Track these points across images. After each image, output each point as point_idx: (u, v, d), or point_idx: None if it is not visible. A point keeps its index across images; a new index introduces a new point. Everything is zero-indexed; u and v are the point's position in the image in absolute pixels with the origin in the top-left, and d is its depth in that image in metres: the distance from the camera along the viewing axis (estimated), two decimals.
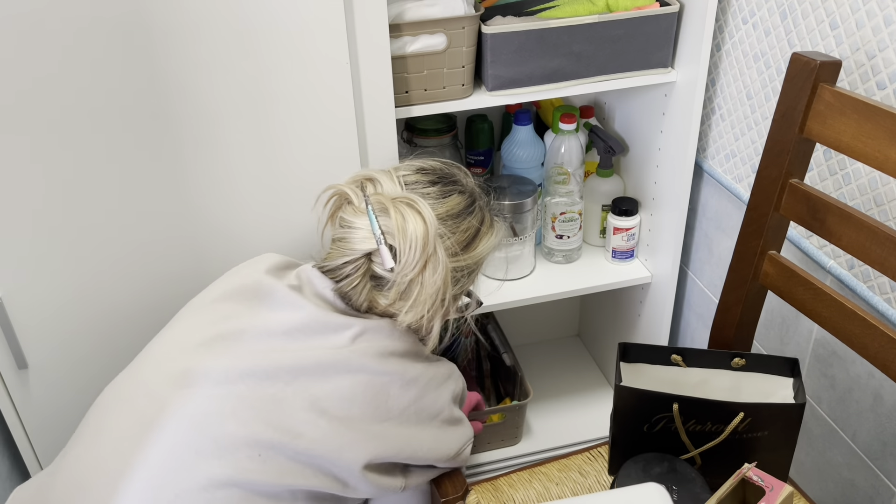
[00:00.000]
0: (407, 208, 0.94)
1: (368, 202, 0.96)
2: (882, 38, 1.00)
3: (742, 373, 1.05)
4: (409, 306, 0.96)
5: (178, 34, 1.05)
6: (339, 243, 0.99)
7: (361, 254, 0.96)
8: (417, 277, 0.95)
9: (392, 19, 1.17)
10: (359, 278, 0.97)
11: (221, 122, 1.12)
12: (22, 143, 1.05)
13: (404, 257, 0.94)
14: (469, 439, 1.05)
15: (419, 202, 0.95)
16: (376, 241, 0.95)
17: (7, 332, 1.16)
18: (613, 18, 1.26)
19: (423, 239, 0.93)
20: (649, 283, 1.55)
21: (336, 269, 0.98)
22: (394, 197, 0.96)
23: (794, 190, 0.98)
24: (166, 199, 1.15)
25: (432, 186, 1.01)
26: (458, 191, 1.02)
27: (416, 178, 1.02)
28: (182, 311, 1.01)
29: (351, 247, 0.97)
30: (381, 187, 0.99)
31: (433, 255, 0.95)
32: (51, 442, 1.27)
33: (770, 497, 0.87)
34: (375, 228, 0.95)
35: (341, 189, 1.01)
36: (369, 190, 0.99)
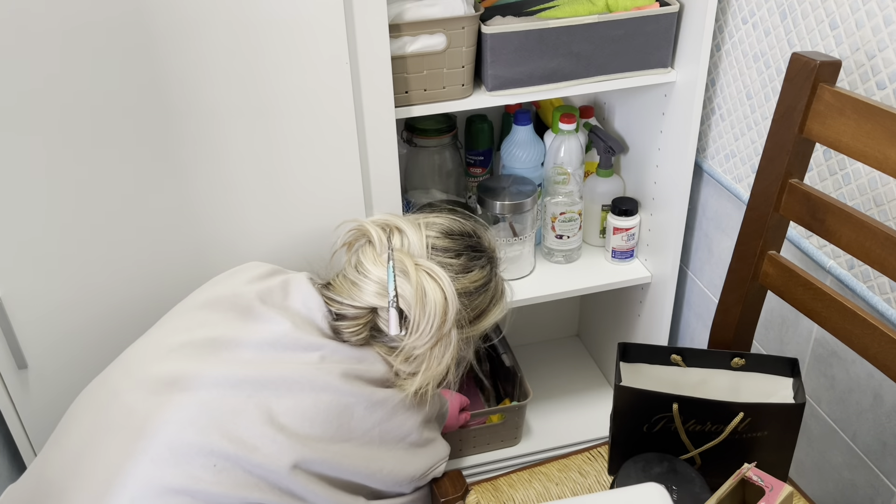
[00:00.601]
0: (429, 279, 0.92)
1: (391, 258, 0.94)
2: (882, 38, 1.00)
3: (742, 373, 1.04)
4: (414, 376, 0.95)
5: (178, 34, 1.05)
6: (349, 285, 0.97)
7: (368, 306, 0.95)
8: (427, 353, 0.94)
9: (392, 19, 1.17)
10: (359, 326, 0.95)
11: (221, 123, 1.12)
12: (22, 143, 1.05)
13: (418, 330, 0.92)
14: (441, 459, 1.03)
15: (443, 278, 0.92)
16: (389, 302, 0.92)
17: (7, 332, 1.16)
18: (613, 18, 1.26)
19: (441, 316, 0.92)
20: (649, 283, 1.55)
21: (339, 303, 0.96)
22: (417, 262, 0.93)
23: (793, 190, 0.98)
24: (166, 198, 1.15)
25: (457, 258, 0.98)
26: (481, 265, 1.00)
27: (444, 245, 0.99)
28: (162, 318, 1.01)
29: (361, 296, 0.95)
30: (407, 243, 0.96)
31: (447, 334, 0.93)
32: None
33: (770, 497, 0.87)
34: (391, 289, 0.92)
35: (366, 228, 0.99)
36: (395, 242, 0.96)
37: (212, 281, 1.03)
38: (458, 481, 1.05)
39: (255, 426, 0.87)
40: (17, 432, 1.25)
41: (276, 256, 1.24)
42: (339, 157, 1.19)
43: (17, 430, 1.25)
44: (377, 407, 0.93)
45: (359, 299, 0.95)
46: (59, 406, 1.25)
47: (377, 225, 0.99)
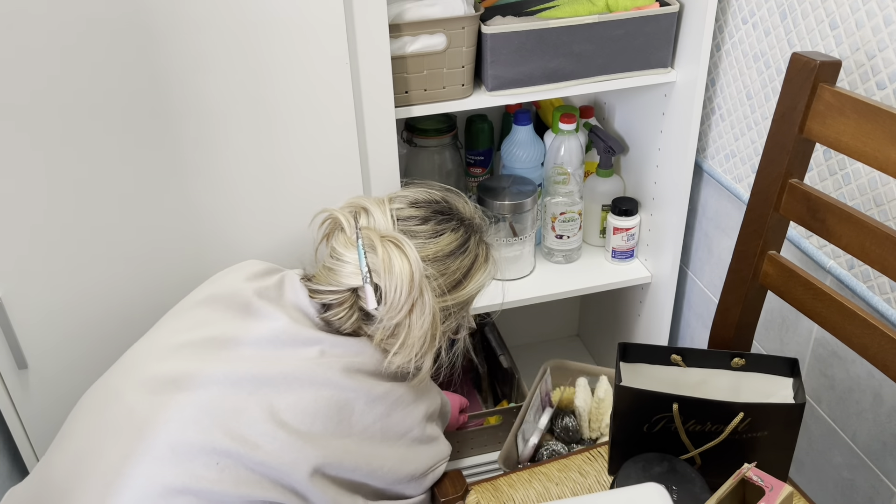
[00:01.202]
0: (394, 248, 0.93)
1: (359, 236, 0.95)
2: (882, 38, 1.00)
3: (742, 373, 1.04)
4: (397, 348, 0.95)
5: (178, 34, 1.05)
6: (327, 272, 0.98)
7: (347, 288, 0.95)
8: (404, 321, 0.94)
9: (392, 19, 1.17)
10: (346, 310, 0.96)
11: (221, 123, 1.12)
12: (22, 143, 1.05)
13: (390, 299, 0.92)
14: (443, 458, 1.03)
15: (405, 244, 0.93)
16: (362, 278, 0.93)
17: (7, 332, 1.16)
18: (613, 18, 1.26)
19: (408, 282, 0.92)
20: (649, 283, 1.56)
21: (322, 293, 0.97)
22: (382, 235, 0.95)
23: (793, 190, 0.98)
24: (166, 198, 1.15)
25: (424, 224, 0.99)
26: (452, 228, 1.00)
27: (409, 213, 0.99)
28: (162, 318, 1.01)
29: (338, 280, 0.96)
30: (373, 220, 0.98)
31: (419, 298, 0.93)
32: (51, 442, 1.27)
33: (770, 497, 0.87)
34: (363, 265, 0.94)
35: (335, 215, 1.00)
36: (362, 221, 0.98)
37: (209, 279, 1.04)
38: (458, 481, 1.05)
39: (256, 424, 0.87)
40: (17, 432, 1.25)
41: (276, 256, 1.24)
42: (340, 157, 1.19)
43: (17, 430, 1.25)
44: (378, 401, 0.94)
45: (336, 283, 0.96)
46: (59, 406, 1.25)
47: (345, 210, 1.00)
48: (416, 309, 0.94)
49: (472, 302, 1.04)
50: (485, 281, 1.04)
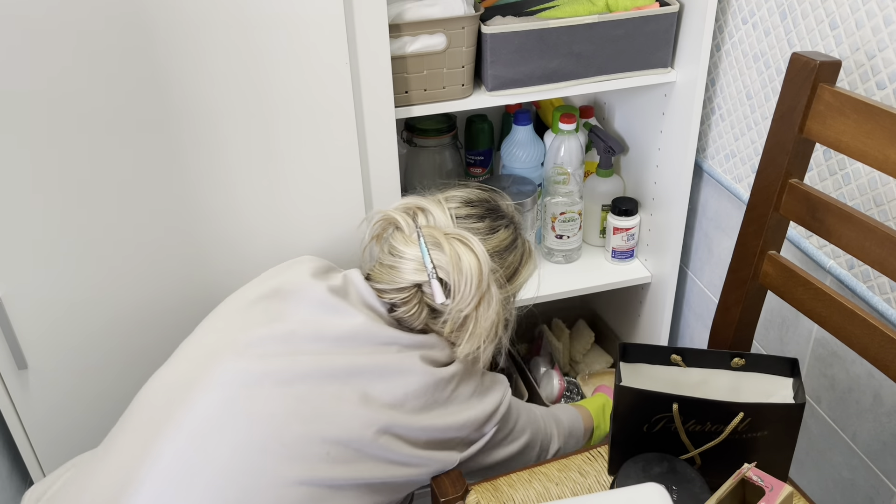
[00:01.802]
0: (461, 245, 0.97)
1: (420, 234, 0.99)
2: (882, 38, 1.00)
3: (742, 373, 1.04)
4: (466, 339, 1.00)
5: (178, 35, 1.05)
6: (388, 269, 1.01)
7: (412, 284, 0.99)
8: (473, 313, 0.99)
9: (392, 19, 1.17)
10: (415, 307, 1.00)
11: (221, 123, 1.12)
12: (22, 143, 1.05)
13: (459, 293, 0.97)
14: (503, 394, 1.08)
15: (472, 240, 0.98)
16: (428, 274, 0.97)
17: (7, 332, 1.16)
18: (613, 18, 1.26)
19: (477, 276, 0.97)
20: (649, 283, 1.55)
21: (387, 292, 1.00)
22: (446, 232, 0.99)
23: (793, 190, 0.98)
24: (166, 199, 1.15)
25: (481, 222, 1.04)
26: (504, 225, 1.06)
27: (466, 212, 1.04)
28: (221, 309, 1.02)
29: (401, 276, 0.99)
30: (432, 219, 1.02)
31: (487, 291, 0.99)
32: (51, 442, 1.27)
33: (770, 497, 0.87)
34: (427, 262, 0.98)
35: (391, 216, 1.03)
36: (421, 221, 1.02)
37: (271, 273, 1.05)
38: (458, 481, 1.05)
39: (356, 409, 0.91)
40: (17, 432, 1.25)
41: (276, 256, 1.24)
42: (339, 157, 1.19)
43: (17, 430, 1.25)
44: (451, 380, 1.00)
45: (400, 280, 0.99)
46: (59, 406, 1.25)
47: (401, 210, 1.04)
48: (483, 301, 0.99)
49: (519, 292, 1.10)
50: (532, 272, 1.10)
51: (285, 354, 0.93)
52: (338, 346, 0.95)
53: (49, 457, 1.28)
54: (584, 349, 1.76)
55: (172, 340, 1.26)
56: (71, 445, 1.29)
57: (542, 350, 1.76)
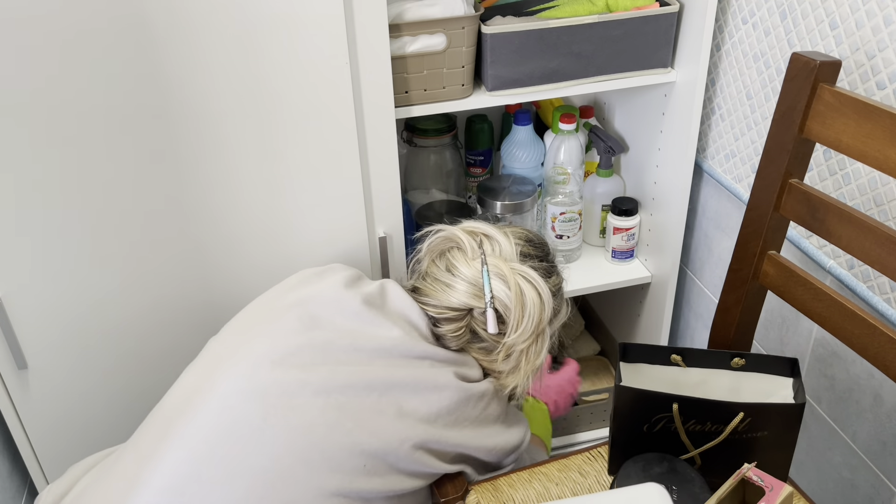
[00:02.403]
0: (525, 282, 0.98)
1: (485, 261, 0.99)
2: (882, 38, 1.00)
3: (742, 373, 1.04)
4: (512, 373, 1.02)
5: (179, 35, 1.05)
6: (442, 286, 1.01)
7: (465, 307, 0.99)
8: (526, 349, 1.00)
9: (392, 19, 1.17)
10: (461, 329, 1.01)
11: (221, 124, 1.12)
12: (21, 144, 1.05)
13: (520, 328, 0.98)
14: (528, 430, 1.10)
15: (538, 279, 0.99)
16: (486, 302, 0.98)
17: (7, 332, 1.16)
18: (613, 18, 1.26)
19: (539, 314, 0.98)
20: (649, 283, 1.55)
21: (435, 307, 1.01)
22: (513, 267, 0.99)
23: (793, 190, 0.98)
24: (167, 198, 1.15)
25: (541, 262, 1.05)
26: (557, 272, 1.08)
27: (528, 251, 1.05)
28: (250, 312, 1.00)
29: (456, 297, 0.99)
30: (498, 248, 1.02)
31: (543, 332, 1.01)
32: (51, 442, 1.27)
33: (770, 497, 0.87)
34: (487, 290, 0.98)
35: (456, 235, 1.03)
36: (486, 247, 1.02)
37: (301, 280, 1.03)
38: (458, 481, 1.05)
39: (393, 421, 0.92)
40: (17, 432, 1.25)
41: (277, 256, 1.24)
42: (340, 157, 1.19)
43: (17, 430, 1.25)
44: (482, 397, 1.01)
45: (454, 300, 0.99)
46: (59, 406, 1.25)
47: (466, 232, 1.04)
48: (539, 339, 1.01)
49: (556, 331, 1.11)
50: (566, 316, 1.11)
51: (324, 364, 0.92)
52: (374, 358, 0.95)
53: (49, 457, 1.28)
54: (573, 335, 1.78)
55: (172, 340, 1.26)
56: (71, 445, 1.29)
57: None
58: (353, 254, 1.27)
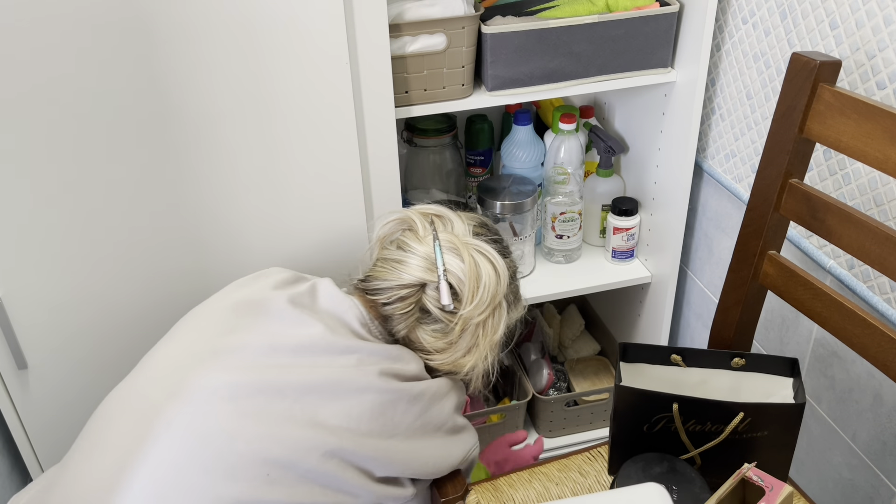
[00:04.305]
0: (480, 255, 0.97)
1: (436, 237, 0.98)
2: (882, 38, 1.00)
3: (742, 373, 1.04)
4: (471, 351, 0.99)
5: (179, 35, 1.05)
6: (393, 264, 0.98)
7: (417, 281, 0.96)
8: (482, 322, 0.97)
9: (392, 19, 1.17)
10: (411, 306, 0.97)
11: (221, 124, 1.12)
12: (21, 144, 1.05)
13: (476, 299, 0.95)
14: (474, 444, 1.05)
15: (493, 252, 0.98)
16: (438, 275, 0.95)
17: (7, 332, 1.16)
18: (613, 18, 1.26)
19: (494, 286, 0.96)
20: (649, 283, 1.55)
21: (385, 290, 0.97)
22: (466, 241, 0.98)
23: (793, 190, 0.98)
24: (167, 198, 1.15)
25: (495, 244, 1.03)
26: (513, 258, 1.07)
27: (482, 231, 1.04)
28: (183, 321, 0.99)
29: (408, 271, 0.97)
30: (451, 227, 1.01)
31: (499, 305, 0.98)
32: (51, 442, 1.27)
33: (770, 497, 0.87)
34: (439, 262, 0.96)
35: (408, 216, 1.02)
36: (438, 226, 1.00)
37: (235, 284, 1.02)
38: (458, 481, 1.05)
39: (304, 430, 0.87)
40: (17, 432, 1.25)
41: (277, 257, 1.24)
42: (340, 157, 1.19)
43: (17, 430, 1.25)
44: (417, 400, 0.95)
45: (406, 276, 0.97)
46: (59, 406, 1.25)
47: (418, 213, 1.03)
48: (496, 312, 0.98)
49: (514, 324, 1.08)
50: (523, 311, 1.09)
51: (237, 368, 0.89)
52: (294, 357, 0.91)
53: (49, 457, 1.28)
54: (573, 335, 1.78)
55: None
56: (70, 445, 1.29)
57: (534, 337, 1.77)
58: (353, 254, 1.27)
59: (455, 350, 0.99)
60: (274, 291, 0.97)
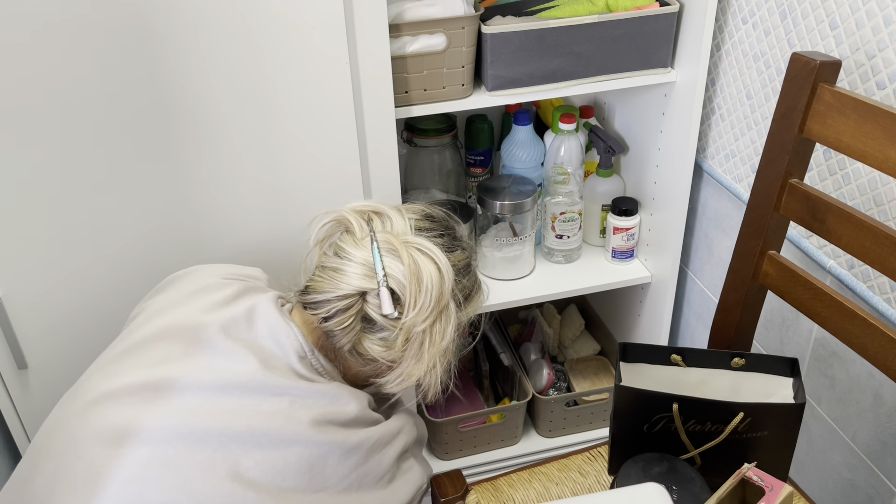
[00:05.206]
0: (421, 255, 0.88)
1: (374, 238, 0.90)
2: (882, 38, 1.00)
3: (742, 373, 1.04)
4: (416, 361, 0.91)
5: (179, 35, 1.05)
6: (331, 273, 0.90)
7: (356, 290, 0.88)
8: (429, 329, 0.89)
9: (392, 19, 1.17)
10: (351, 318, 0.89)
11: (221, 123, 1.12)
12: (21, 143, 1.05)
13: (417, 306, 0.87)
14: (420, 486, 0.98)
15: (435, 251, 0.89)
16: (378, 281, 0.87)
17: (7, 332, 1.16)
18: (613, 18, 1.26)
19: (438, 289, 0.88)
20: (649, 283, 1.55)
21: (324, 302, 0.89)
22: (406, 240, 0.90)
23: (793, 190, 0.98)
24: (167, 198, 1.15)
25: (440, 238, 0.95)
26: (462, 247, 0.98)
27: (426, 225, 0.95)
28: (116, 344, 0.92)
29: (346, 280, 0.88)
30: (390, 225, 0.93)
31: (446, 308, 0.90)
32: None
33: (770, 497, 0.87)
34: (378, 268, 0.88)
35: (343, 216, 0.93)
36: (376, 225, 0.93)
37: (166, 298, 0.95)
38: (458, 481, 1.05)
39: (223, 483, 0.80)
40: (17, 432, 1.25)
41: (276, 255, 1.24)
42: (340, 157, 1.19)
43: (17, 430, 1.25)
44: (352, 452, 0.88)
45: (345, 286, 0.88)
46: None
47: (354, 212, 0.95)
48: (442, 317, 0.90)
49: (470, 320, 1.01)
50: (480, 304, 1.02)
51: (162, 408, 0.82)
52: (222, 397, 0.84)
53: None
54: (573, 335, 1.78)
55: None
56: None
57: (534, 337, 1.77)
58: None
59: (405, 361, 0.91)
60: (207, 315, 0.89)
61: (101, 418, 0.83)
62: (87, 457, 0.81)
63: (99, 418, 0.83)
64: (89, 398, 0.86)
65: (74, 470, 0.81)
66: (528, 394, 1.60)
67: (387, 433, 0.92)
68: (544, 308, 1.80)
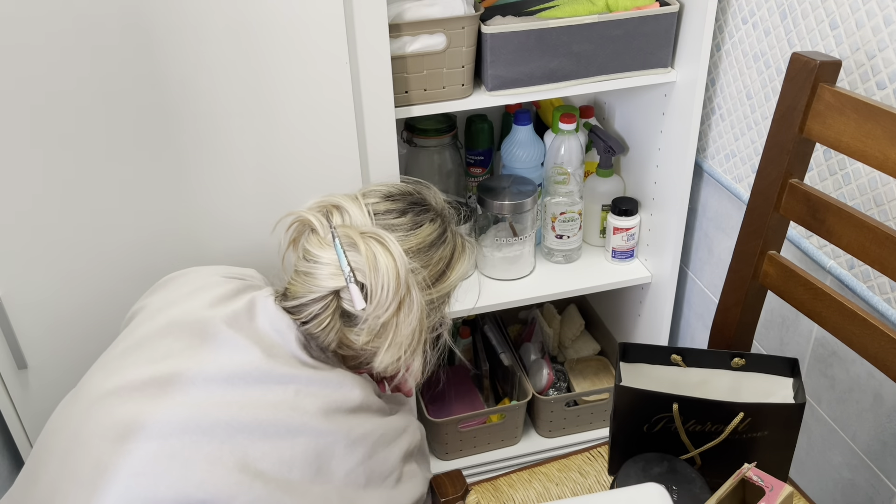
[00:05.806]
0: (377, 244, 0.88)
1: (336, 235, 0.90)
2: (882, 38, 1.00)
3: (742, 373, 1.04)
4: (386, 348, 0.90)
5: (179, 34, 1.05)
6: (304, 277, 0.91)
7: (328, 291, 0.89)
8: (392, 319, 0.89)
9: (392, 19, 1.17)
10: (328, 318, 0.89)
11: (221, 123, 1.12)
12: (22, 143, 1.05)
13: (376, 298, 0.87)
14: (421, 495, 0.98)
15: (388, 239, 0.88)
16: (345, 278, 0.88)
17: (7, 332, 1.16)
18: (613, 18, 1.26)
19: (395, 278, 0.87)
20: (649, 283, 1.55)
21: (301, 306, 0.90)
22: (362, 231, 0.89)
23: (793, 190, 0.98)
24: (167, 197, 1.15)
25: (402, 217, 0.94)
26: (430, 219, 0.96)
27: (385, 207, 0.94)
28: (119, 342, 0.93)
29: (317, 283, 0.89)
30: (348, 217, 0.92)
31: (407, 294, 0.89)
32: None
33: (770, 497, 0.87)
34: (344, 265, 0.88)
35: (304, 217, 0.93)
36: (336, 220, 0.92)
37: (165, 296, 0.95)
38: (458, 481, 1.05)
39: (231, 474, 0.81)
40: (17, 432, 1.25)
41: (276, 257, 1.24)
42: (340, 157, 1.19)
43: (17, 430, 1.25)
44: (359, 443, 0.88)
45: (317, 288, 0.89)
46: None
47: (314, 210, 0.95)
48: (404, 305, 0.90)
49: (453, 294, 1.00)
50: (466, 270, 1.00)
51: (168, 402, 0.82)
52: (227, 390, 0.84)
53: None
54: (573, 335, 1.78)
55: None
56: None
57: (534, 337, 1.78)
58: None
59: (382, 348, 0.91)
60: (210, 310, 0.90)
61: (106, 415, 0.84)
62: (93, 453, 0.81)
63: (104, 415, 0.84)
64: (93, 396, 0.86)
65: (80, 466, 0.81)
66: (528, 394, 1.60)
67: (391, 429, 0.92)
68: (544, 308, 1.80)
